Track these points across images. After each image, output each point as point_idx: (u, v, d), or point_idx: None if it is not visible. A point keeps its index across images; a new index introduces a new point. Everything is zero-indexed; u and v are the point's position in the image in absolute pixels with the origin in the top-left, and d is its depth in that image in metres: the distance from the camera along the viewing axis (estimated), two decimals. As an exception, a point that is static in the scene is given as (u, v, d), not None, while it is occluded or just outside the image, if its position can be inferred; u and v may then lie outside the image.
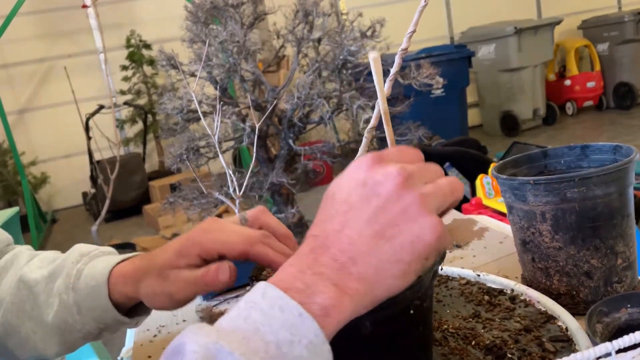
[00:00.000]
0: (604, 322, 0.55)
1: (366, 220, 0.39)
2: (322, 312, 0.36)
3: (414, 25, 0.51)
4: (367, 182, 0.40)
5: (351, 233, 0.39)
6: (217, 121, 0.82)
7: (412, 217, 0.39)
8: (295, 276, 0.38)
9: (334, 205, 0.41)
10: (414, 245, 0.38)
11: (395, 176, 0.39)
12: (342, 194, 0.41)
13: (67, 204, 5.83)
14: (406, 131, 2.17)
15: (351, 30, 2.09)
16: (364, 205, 0.39)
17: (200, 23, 2.26)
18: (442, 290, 0.75)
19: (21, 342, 0.62)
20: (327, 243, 0.39)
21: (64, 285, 0.59)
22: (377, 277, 0.39)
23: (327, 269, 0.38)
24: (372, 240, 0.39)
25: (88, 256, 0.62)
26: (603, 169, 0.62)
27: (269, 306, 0.36)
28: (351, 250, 0.39)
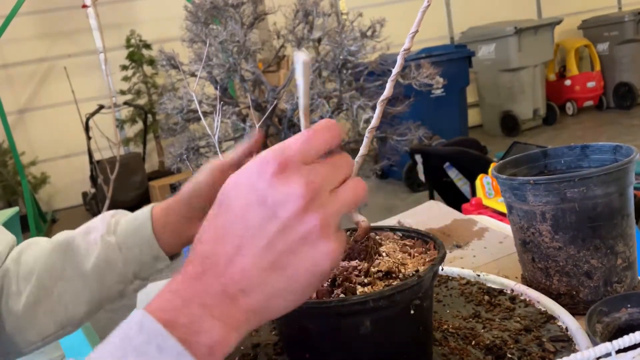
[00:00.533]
0: (604, 322, 0.55)
1: (262, 248, 0.36)
2: (207, 351, 0.35)
3: (416, 25, 0.51)
4: (267, 200, 0.36)
5: (245, 262, 0.36)
6: (217, 121, 0.82)
7: (312, 243, 0.37)
8: (180, 307, 0.35)
9: (228, 218, 0.37)
10: (310, 273, 0.37)
11: (298, 197, 0.36)
12: (238, 205, 0.37)
13: (67, 204, 5.83)
14: (406, 131, 2.18)
15: (351, 30, 2.10)
16: (261, 230, 0.36)
17: (200, 23, 2.26)
18: (442, 290, 0.75)
19: (52, 305, 0.64)
20: (217, 270, 0.36)
21: (105, 230, 0.65)
22: (268, 306, 0.37)
23: (215, 301, 0.36)
24: (266, 270, 0.36)
25: (122, 212, 0.69)
26: (603, 169, 0.62)
27: (145, 342, 0.33)
28: (243, 282, 0.36)
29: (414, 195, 4.29)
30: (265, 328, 0.71)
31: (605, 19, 5.85)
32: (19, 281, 0.65)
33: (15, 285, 0.64)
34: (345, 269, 0.53)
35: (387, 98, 0.54)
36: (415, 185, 4.34)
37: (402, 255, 0.57)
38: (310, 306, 0.49)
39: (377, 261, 0.55)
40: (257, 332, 0.70)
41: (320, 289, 0.51)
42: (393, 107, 2.11)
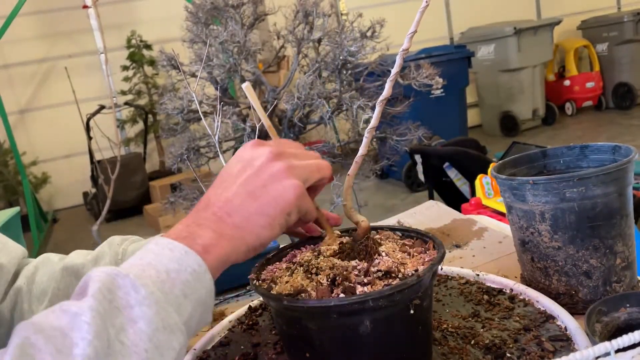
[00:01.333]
0: (603, 322, 0.55)
1: (240, 184, 0.50)
2: (203, 249, 0.46)
3: (415, 25, 0.52)
4: (245, 157, 0.52)
5: (228, 194, 0.50)
6: (218, 121, 0.82)
7: (278, 179, 0.50)
8: (182, 229, 0.48)
9: (219, 179, 0.52)
10: (277, 201, 0.49)
11: (268, 152, 0.51)
12: (227, 169, 0.53)
13: (68, 203, 5.83)
14: (406, 131, 2.18)
15: (351, 30, 2.10)
16: (240, 174, 0.51)
17: (201, 23, 2.26)
18: (442, 289, 0.75)
19: None
20: (209, 203, 0.50)
21: (113, 261, 0.68)
22: (248, 225, 0.49)
23: (207, 221, 0.49)
24: (244, 198, 0.50)
25: (129, 240, 0.72)
26: (602, 169, 0.62)
27: (160, 248, 0.45)
28: (227, 207, 0.49)
29: (414, 195, 4.29)
30: (265, 328, 0.71)
31: (605, 20, 5.85)
32: (32, 300, 0.66)
33: (28, 304, 0.65)
34: (345, 269, 0.54)
35: (387, 98, 0.54)
36: (414, 185, 4.34)
37: (401, 255, 0.57)
38: (310, 306, 0.49)
39: (377, 261, 0.55)
40: (257, 332, 0.70)
41: (320, 289, 0.51)
42: (392, 107, 2.11)
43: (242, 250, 0.49)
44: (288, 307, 0.51)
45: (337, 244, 0.59)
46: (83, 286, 0.41)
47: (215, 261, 0.46)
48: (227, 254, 0.47)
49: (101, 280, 0.40)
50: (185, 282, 0.43)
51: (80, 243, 4.36)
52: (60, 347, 0.36)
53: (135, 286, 0.40)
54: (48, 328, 0.37)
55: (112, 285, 0.40)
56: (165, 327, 0.40)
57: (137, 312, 0.39)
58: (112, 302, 0.39)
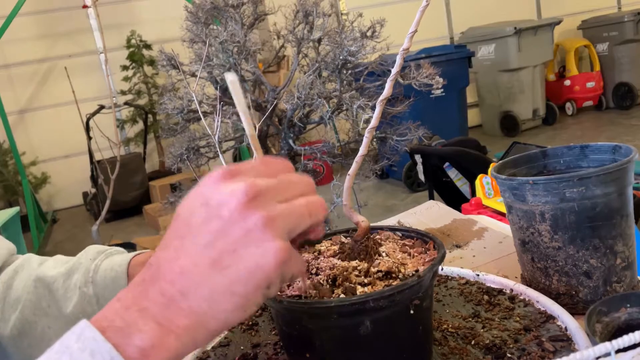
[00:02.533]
0: (603, 322, 0.55)
1: (203, 246, 0.36)
2: (140, 354, 0.34)
3: (415, 25, 0.52)
4: (211, 201, 0.36)
5: (185, 262, 0.36)
6: (218, 121, 0.82)
7: (254, 242, 0.35)
8: (117, 312, 0.36)
9: (174, 228, 0.38)
10: (253, 274, 0.35)
11: (240, 194, 0.36)
12: (185, 214, 0.37)
13: (68, 203, 5.83)
14: (406, 131, 2.18)
15: (351, 30, 2.10)
16: (203, 229, 0.36)
17: (201, 23, 2.26)
18: (442, 290, 0.75)
19: (36, 339, 0.64)
20: (158, 274, 0.36)
21: (83, 279, 0.63)
22: (210, 310, 0.35)
23: (152, 304, 0.35)
24: (206, 269, 0.35)
25: (104, 254, 0.66)
26: (602, 169, 0.62)
27: (80, 350, 0.33)
28: (182, 282, 0.35)
29: (414, 195, 4.29)
30: (265, 328, 0.71)
31: (605, 19, 5.85)
32: (5, 307, 0.64)
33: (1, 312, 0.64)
34: (345, 269, 0.53)
35: (387, 98, 0.54)
36: (414, 185, 4.34)
37: (401, 255, 0.57)
38: (310, 306, 0.49)
39: (377, 261, 0.55)
40: (257, 332, 0.70)
41: (321, 289, 0.51)
42: (393, 107, 2.11)
43: (199, 341, 0.36)
44: (288, 308, 0.51)
45: (337, 244, 0.59)
46: None
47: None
48: (174, 354, 0.35)
49: None
50: None
51: (80, 243, 4.36)
52: None
53: None
54: None
55: None
56: None
57: None
58: None
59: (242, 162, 0.40)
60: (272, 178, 0.38)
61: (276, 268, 0.36)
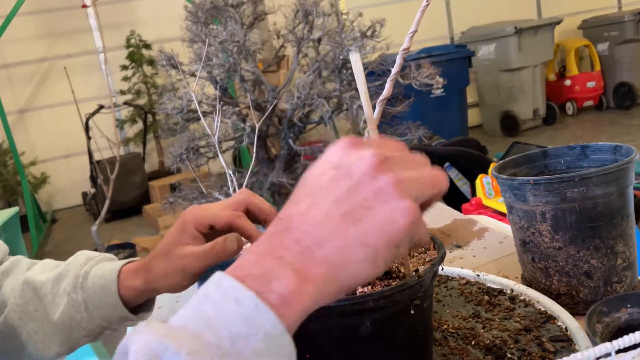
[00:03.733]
0: (604, 322, 0.55)
1: (334, 201, 0.37)
2: (281, 300, 0.34)
3: (415, 25, 0.51)
4: (341, 163, 0.38)
5: (317, 214, 0.37)
6: (217, 121, 0.82)
7: (385, 200, 0.36)
8: (253, 262, 0.36)
9: (304, 188, 0.39)
10: (384, 229, 0.36)
11: (370, 157, 0.37)
12: (313, 176, 0.39)
13: (67, 204, 5.83)
14: (406, 131, 2.18)
15: (351, 30, 2.09)
16: (333, 186, 0.37)
17: (200, 23, 2.26)
18: (442, 290, 0.75)
19: (21, 343, 0.63)
20: (290, 225, 0.37)
21: (72, 285, 0.62)
22: (342, 261, 0.36)
23: (288, 252, 0.36)
24: (338, 221, 0.36)
25: (94, 260, 0.64)
26: (603, 169, 0.62)
27: (222, 298, 0.33)
28: (316, 233, 0.36)
29: (414, 195, 4.28)
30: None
31: (605, 19, 5.85)
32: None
33: None
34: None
35: (387, 98, 0.54)
36: (415, 185, 4.33)
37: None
38: (310, 306, 0.48)
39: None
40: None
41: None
42: (393, 107, 2.11)
43: (331, 293, 0.36)
44: (287, 308, 0.51)
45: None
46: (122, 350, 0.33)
47: (295, 315, 0.35)
48: (312, 303, 0.35)
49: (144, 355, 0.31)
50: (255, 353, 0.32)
51: (80, 243, 4.36)
52: None
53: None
54: None
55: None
56: None
57: None
58: None
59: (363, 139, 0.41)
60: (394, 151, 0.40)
61: (407, 226, 0.36)
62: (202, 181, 2.33)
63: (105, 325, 0.62)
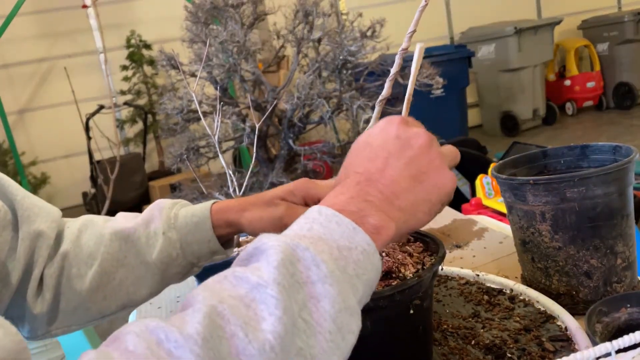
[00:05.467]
0: (603, 322, 0.55)
1: (404, 164, 0.46)
2: (374, 230, 0.42)
3: (414, 24, 0.51)
4: (401, 135, 0.47)
5: (393, 173, 0.46)
6: (217, 121, 0.82)
7: (437, 168, 0.47)
8: (347, 201, 0.44)
9: (372, 150, 0.47)
10: (440, 189, 0.47)
11: (423, 135, 0.47)
12: (378, 142, 0.48)
13: (67, 204, 5.82)
14: (406, 131, 2.18)
15: (351, 30, 2.09)
16: (400, 153, 0.46)
17: (201, 23, 2.26)
18: (442, 290, 0.75)
19: (113, 290, 0.66)
20: (372, 179, 0.46)
21: (165, 225, 0.66)
22: (413, 210, 0.46)
23: (375, 198, 0.45)
24: (409, 180, 0.46)
25: (179, 204, 0.69)
26: (603, 169, 0.62)
27: (326, 220, 0.41)
28: (393, 187, 0.45)
29: (414, 196, 4.28)
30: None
31: (605, 19, 5.85)
32: (80, 265, 0.65)
33: (77, 268, 0.65)
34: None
35: (386, 98, 0.54)
36: (415, 185, 4.33)
37: (402, 255, 0.57)
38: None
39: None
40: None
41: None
42: (392, 107, 2.11)
43: (403, 233, 0.46)
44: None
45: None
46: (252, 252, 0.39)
47: (382, 243, 0.43)
48: (393, 237, 0.45)
49: (283, 251, 0.37)
50: (357, 262, 0.40)
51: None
52: (247, 319, 0.34)
53: (317, 261, 0.38)
54: (227, 297, 0.35)
55: (293, 257, 0.38)
56: (346, 308, 0.38)
57: (320, 290, 0.37)
58: (294, 275, 0.37)
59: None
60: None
61: (452, 189, 0.47)
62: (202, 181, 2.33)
63: (195, 262, 0.67)
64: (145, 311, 0.91)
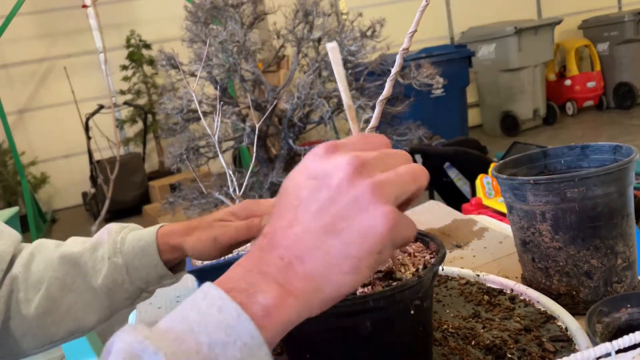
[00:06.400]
0: (604, 322, 0.55)
1: (314, 214, 0.37)
2: (263, 312, 0.35)
3: (415, 25, 0.51)
4: (318, 173, 0.38)
5: (298, 229, 0.37)
6: (217, 121, 0.82)
7: (363, 207, 0.36)
8: (240, 275, 0.37)
9: (286, 201, 0.39)
10: (365, 238, 0.36)
11: (346, 165, 0.37)
12: (293, 187, 0.39)
13: (67, 204, 5.83)
14: (406, 131, 2.17)
15: (351, 30, 2.09)
16: (313, 198, 0.37)
17: (200, 23, 2.26)
18: (442, 290, 0.75)
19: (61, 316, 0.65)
20: (274, 241, 0.38)
21: (111, 250, 0.65)
22: (326, 274, 0.37)
23: (272, 267, 0.37)
24: (319, 234, 0.37)
25: (128, 227, 0.69)
26: (603, 169, 0.62)
27: (207, 306, 0.35)
28: (298, 247, 0.37)
29: (414, 195, 4.28)
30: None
31: (605, 19, 5.85)
32: (28, 289, 0.65)
33: (24, 292, 0.65)
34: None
35: (387, 98, 0.54)
36: (415, 185, 4.33)
37: (402, 255, 0.57)
38: (310, 306, 0.48)
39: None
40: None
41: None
42: (393, 107, 2.11)
43: (315, 306, 0.38)
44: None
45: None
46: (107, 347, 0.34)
47: (276, 327, 0.36)
48: (294, 316, 0.37)
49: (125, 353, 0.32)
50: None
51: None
52: None
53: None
54: None
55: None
56: None
57: None
58: None
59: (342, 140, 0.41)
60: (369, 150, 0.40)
61: (387, 231, 0.36)
62: (202, 181, 2.33)
63: (144, 287, 0.66)
64: (145, 311, 0.91)
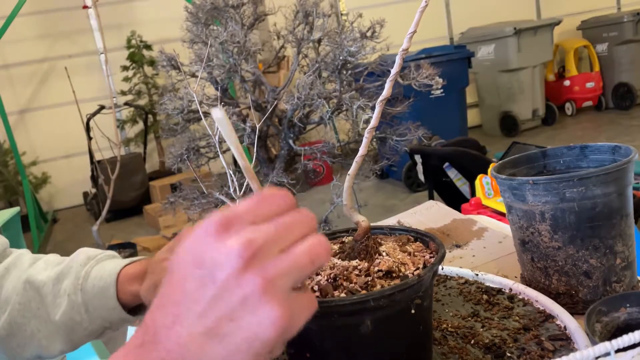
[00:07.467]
0: (603, 322, 0.55)
1: (198, 315, 0.34)
2: None
3: (414, 25, 0.52)
4: (206, 261, 0.34)
5: (181, 331, 0.34)
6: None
7: (252, 309, 0.33)
8: None
9: (171, 288, 0.36)
10: (251, 344, 0.34)
11: (236, 256, 0.34)
12: (178, 276, 0.36)
13: (68, 203, 5.82)
14: (406, 131, 2.18)
15: (351, 31, 2.10)
16: (198, 295, 0.34)
17: (201, 24, 2.26)
18: (441, 289, 0.75)
19: (25, 340, 0.64)
20: (156, 339, 0.35)
21: (72, 286, 0.63)
22: None
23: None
24: (203, 340, 0.34)
25: (95, 259, 0.65)
26: (602, 169, 0.62)
27: None
28: (180, 352, 0.34)
29: (414, 195, 4.29)
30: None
31: (605, 20, 5.85)
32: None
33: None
34: (345, 269, 0.54)
35: (386, 98, 0.54)
36: (414, 185, 4.34)
37: (402, 254, 0.57)
38: (310, 305, 0.49)
39: (377, 260, 0.55)
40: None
41: (322, 287, 0.51)
42: (392, 108, 2.11)
43: None
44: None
45: (337, 243, 0.60)
46: None
47: None
48: None
49: None
50: None
51: (80, 243, 4.35)
52: None
53: None
54: None
55: None
56: None
57: None
58: None
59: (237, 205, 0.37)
60: (269, 222, 0.36)
61: (275, 337, 0.34)
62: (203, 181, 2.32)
63: (107, 326, 0.64)
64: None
